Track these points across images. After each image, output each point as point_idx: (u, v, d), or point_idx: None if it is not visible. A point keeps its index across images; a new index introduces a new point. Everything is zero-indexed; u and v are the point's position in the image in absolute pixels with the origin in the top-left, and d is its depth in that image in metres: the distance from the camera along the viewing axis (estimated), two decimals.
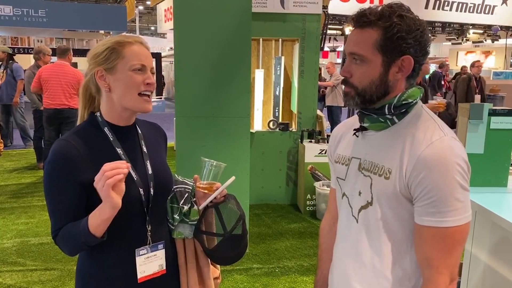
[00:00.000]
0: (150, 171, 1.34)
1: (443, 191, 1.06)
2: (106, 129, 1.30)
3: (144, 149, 1.36)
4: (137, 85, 1.26)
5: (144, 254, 1.32)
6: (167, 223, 1.42)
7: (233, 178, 1.39)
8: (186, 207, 1.40)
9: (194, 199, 1.44)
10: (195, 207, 1.44)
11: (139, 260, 1.31)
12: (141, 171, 1.32)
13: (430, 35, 1.16)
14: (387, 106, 1.15)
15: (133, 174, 1.29)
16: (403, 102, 1.15)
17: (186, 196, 1.42)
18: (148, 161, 1.35)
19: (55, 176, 1.22)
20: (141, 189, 1.29)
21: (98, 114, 1.33)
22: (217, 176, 1.38)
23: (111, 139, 1.30)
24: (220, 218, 1.41)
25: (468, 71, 9.44)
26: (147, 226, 1.33)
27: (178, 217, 1.40)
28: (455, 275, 1.11)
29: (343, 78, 1.20)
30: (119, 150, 1.29)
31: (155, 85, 1.31)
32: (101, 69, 1.26)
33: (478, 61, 8.76)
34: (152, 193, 1.32)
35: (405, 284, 1.17)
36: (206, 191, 1.38)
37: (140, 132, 1.39)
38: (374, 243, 1.18)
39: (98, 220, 1.17)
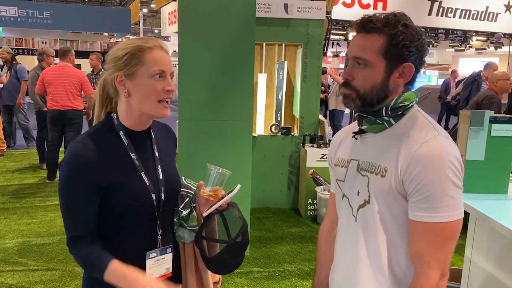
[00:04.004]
0: (161, 176, 1.34)
1: (436, 187, 1.09)
2: (121, 133, 1.30)
3: (156, 154, 1.36)
4: (156, 92, 1.25)
5: (154, 257, 1.33)
6: None
7: (238, 186, 1.39)
8: (185, 212, 1.40)
9: (194, 204, 1.43)
10: (194, 212, 1.43)
11: (149, 263, 1.31)
12: (153, 177, 1.32)
13: (428, 45, 1.21)
14: (384, 108, 1.19)
15: (146, 180, 1.29)
16: (400, 105, 1.19)
17: (186, 200, 1.42)
18: (159, 166, 1.35)
19: (71, 177, 1.22)
20: (153, 195, 1.30)
21: (114, 116, 1.32)
22: (222, 184, 1.38)
23: (126, 144, 1.29)
24: (225, 225, 1.40)
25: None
26: (157, 230, 1.33)
27: (176, 221, 1.40)
28: (446, 271, 1.14)
29: (343, 80, 1.23)
30: (133, 155, 1.29)
31: (174, 91, 1.31)
32: (121, 74, 1.25)
33: None
34: (163, 198, 1.32)
35: (400, 279, 1.20)
36: (210, 198, 1.37)
37: (153, 136, 1.38)
38: (371, 239, 1.22)
39: (117, 283, 1.22)
